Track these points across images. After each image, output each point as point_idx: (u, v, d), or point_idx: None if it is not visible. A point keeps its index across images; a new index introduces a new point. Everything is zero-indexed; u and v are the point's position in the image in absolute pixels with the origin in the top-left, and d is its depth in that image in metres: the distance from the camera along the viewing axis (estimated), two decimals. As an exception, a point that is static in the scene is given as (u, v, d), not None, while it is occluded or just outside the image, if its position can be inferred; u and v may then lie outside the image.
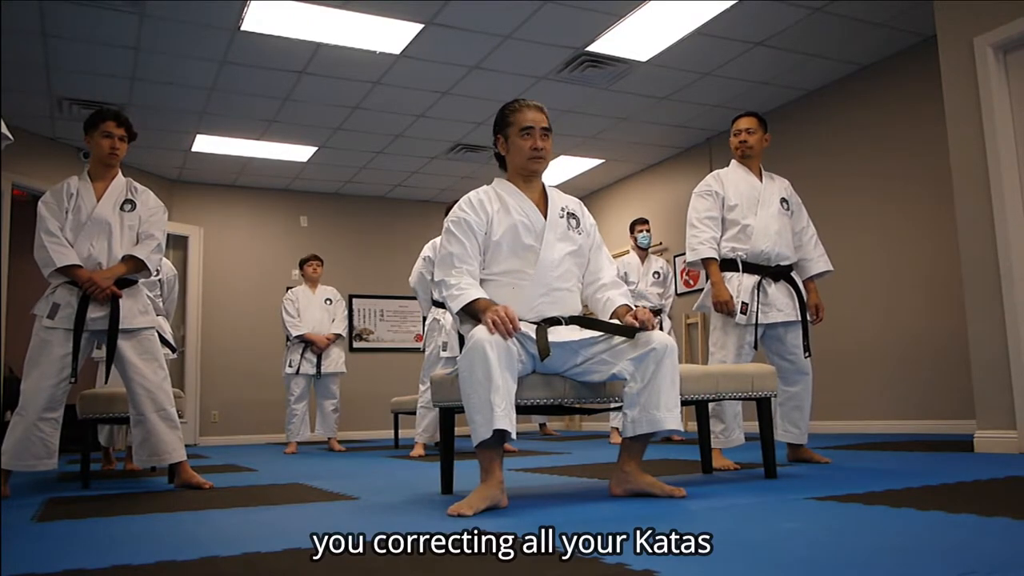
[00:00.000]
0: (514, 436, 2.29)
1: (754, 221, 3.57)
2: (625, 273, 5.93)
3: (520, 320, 2.52)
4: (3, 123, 1.81)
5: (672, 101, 6.60)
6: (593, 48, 5.54)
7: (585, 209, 2.86)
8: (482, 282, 2.63)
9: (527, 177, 2.73)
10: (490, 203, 2.67)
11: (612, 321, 2.60)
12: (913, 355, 5.52)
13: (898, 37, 5.55)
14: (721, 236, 3.61)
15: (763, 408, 3.03)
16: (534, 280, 2.60)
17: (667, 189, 8.13)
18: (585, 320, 2.60)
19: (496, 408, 2.25)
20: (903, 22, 5.32)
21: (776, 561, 1.48)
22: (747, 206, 3.59)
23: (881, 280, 5.82)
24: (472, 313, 2.48)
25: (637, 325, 2.49)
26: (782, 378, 3.58)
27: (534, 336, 2.46)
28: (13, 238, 6.63)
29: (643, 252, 6.16)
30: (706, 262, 3.54)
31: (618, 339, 2.51)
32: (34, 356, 3.24)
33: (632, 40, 5.43)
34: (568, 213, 2.74)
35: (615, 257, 5.97)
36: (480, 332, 2.34)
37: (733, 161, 3.74)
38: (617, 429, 6.01)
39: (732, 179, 3.65)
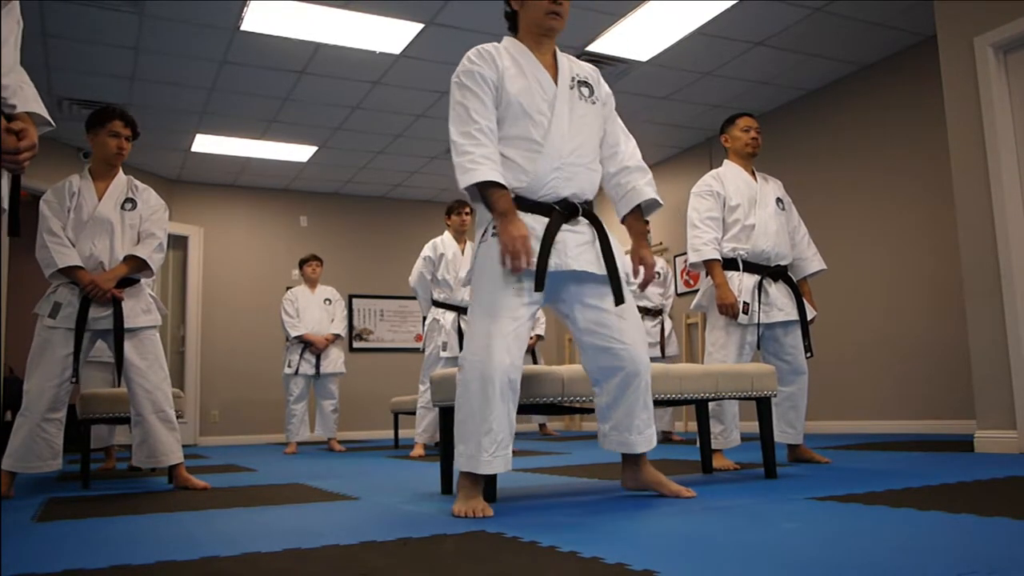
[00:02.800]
0: (504, 470, 2.26)
1: (755, 221, 3.57)
2: (627, 273, 5.91)
3: (534, 199, 2.38)
4: (44, 108, 1.87)
5: (672, 101, 6.60)
6: (593, 48, 5.53)
7: (600, 78, 2.63)
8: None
9: (540, 38, 2.50)
10: (499, 57, 2.44)
11: (620, 274, 2.54)
12: (913, 355, 5.52)
13: (898, 37, 5.55)
14: (722, 236, 3.60)
15: (763, 408, 3.03)
16: (546, 152, 2.39)
17: (667, 189, 8.12)
18: (602, 239, 2.51)
19: (484, 452, 2.21)
20: (903, 22, 5.32)
21: (776, 561, 1.48)
22: (748, 206, 3.59)
23: (881, 280, 5.82)
24: (483, 196, 2.33)
25: (637, 276, 2.51)
26: (778, 378, 3.58)
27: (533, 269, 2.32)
28: (13, 238, 6.62)
29: (643, 252, 6.15)
30: (709, 263, 3.53)
31: (602, 324, 2.43)
32: (36, 356, 3.25)
33: (632, 40, 5.43)
34: (579, 81, 2.51)
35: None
36: (484, 360, 2.23)
37: (727, 161, 3.73)
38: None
39: (731, 179, 3.65)
